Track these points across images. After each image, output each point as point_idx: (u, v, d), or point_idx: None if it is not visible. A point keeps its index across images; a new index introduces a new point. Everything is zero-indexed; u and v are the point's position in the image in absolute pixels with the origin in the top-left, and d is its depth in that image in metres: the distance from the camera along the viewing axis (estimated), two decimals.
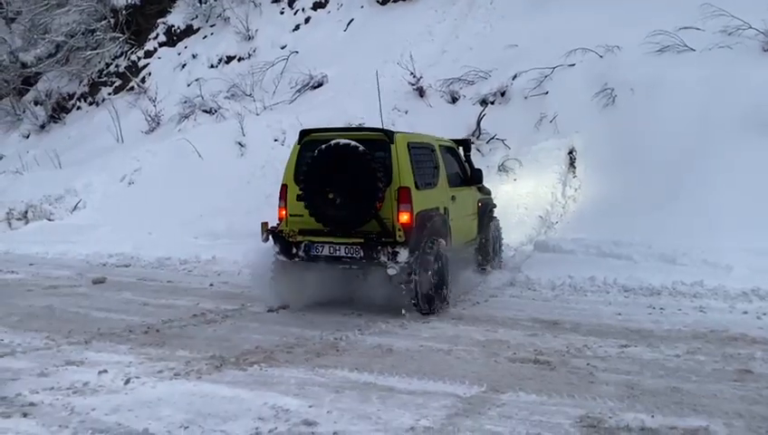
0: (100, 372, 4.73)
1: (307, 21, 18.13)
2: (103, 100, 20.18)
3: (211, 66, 18.53)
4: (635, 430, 3.74)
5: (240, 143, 14.24)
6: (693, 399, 4.18)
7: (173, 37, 20.16)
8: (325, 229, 6.53)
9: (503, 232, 9.24)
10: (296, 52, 16.83)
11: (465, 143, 8.94)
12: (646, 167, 9.58)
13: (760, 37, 10.69)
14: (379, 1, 17.38)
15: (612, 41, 11.93)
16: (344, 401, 4.18)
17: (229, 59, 18.47)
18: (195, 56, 19.16)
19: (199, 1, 19.79)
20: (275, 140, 14.07)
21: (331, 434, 3.70)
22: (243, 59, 18.16)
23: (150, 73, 19.76)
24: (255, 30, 18.37)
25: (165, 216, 12.14)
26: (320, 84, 15.63)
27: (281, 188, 6.93)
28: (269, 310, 6.90)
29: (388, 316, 6.45)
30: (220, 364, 4.99)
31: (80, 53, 20.95)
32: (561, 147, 11.20)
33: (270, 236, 6.78)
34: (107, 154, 16.07)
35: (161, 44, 20.25)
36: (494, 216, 9.03)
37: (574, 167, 11.00)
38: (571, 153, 11.14)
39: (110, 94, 20.26)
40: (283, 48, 17.38)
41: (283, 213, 6.86)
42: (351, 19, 17.30)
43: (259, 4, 18.98)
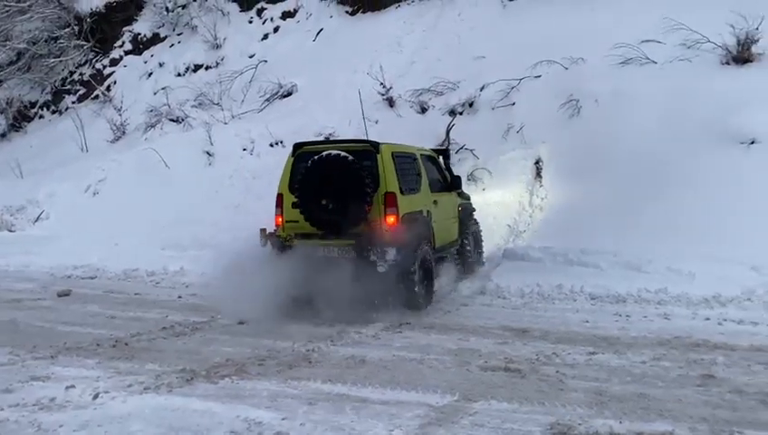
0: (67, 388, 4.63)
1: (276, 30, 18.11)
2: (67, 108, 19.85)
3: (178, 75, 18.34)
4: None
5: (208, 152, 14.12)
6: (659, 404, 4.29)
7: (139, 45, 19.93)
8: (319, 233, 7.05)
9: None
10: (265, 61, 16.78)
11: (445, 152, 9.62)
12: (610, 176, 9.78)
13: (718, 51, 11.03)
14: (348, 11, 17.46)
15: (577, 53, 12.20)
16: (317, 413, 4.17)
17: (197, 67, 18.32)
18: (161, 64, 18.98)
19: (166, 9, 19.61)
20: (244, 149, 13.98)
21: None
22: (210, 67, 18.03)
23: (116, 82, 19.48)
24: (223, 38, 18.28)
25: (131, 226, 11.94)
26: (289, 93, 15.60)
27: (277, 197, 7.44)
28: (239, 322, 6.84)
29: (360, 326, 6.46)
30: (191, 377, 4.93)
31: (42, 61, 20.56)
32: (527, 157, 11.40)
33: (268, 241, 7.26)
34: (71, 164, 15.74)
35: (127, 52, 20.00)
36: (474, 218, 9.56)
37: (541, 176, 11.19)
38: (537, 163, 11.33)
39: (73, 103, 19.93)
40: (251, 57, 17.32)
41: (280, 220, 7.40)
42: (321, 29, 17.33)
43: (227, 13, 18.90)
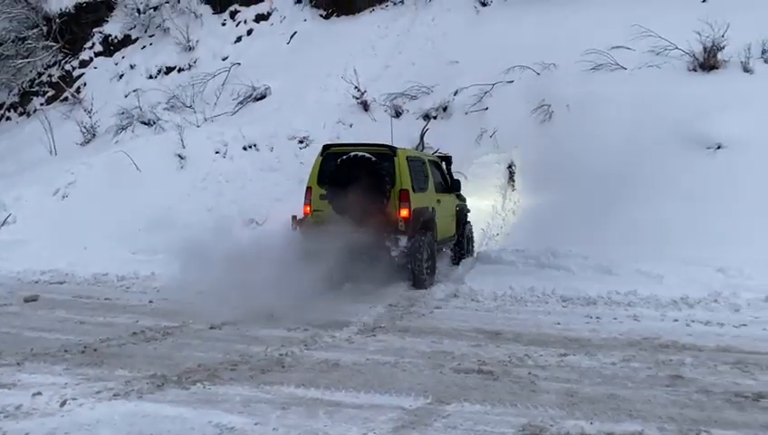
0: (33, 395, 4.52)
1: (249, 33, 18.03)
2: (35, 110, 19.47)
3: (150, 77, 18.15)
4: None
5: (180, 155, 13.95)
6: (629, 405, 4.35)
7: (110, 47, 19.67)
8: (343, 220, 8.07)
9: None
10: (238, 63, 16.70)
11: (448, 159, 10.51)
12: (582, 180, 9.93)
13: (685, 58, 11.28)
14: (322, 15, 17.46)
15: (549, 59, 12.36)
16: (291, 418, 4.14)
17: (169, 70, 18.15)
18: (133, 67, 18.74)
19: (138, 11, 19.39)
20: (217, 152, 13.86)
21: None
22: (183, 70, 17.88)
23: (86, 84, 19.18)
24: (196, 41, 18.14)
25: (101, 230, 11.73)
26: (263, 96, 15.53)
27: (306, 190, 8.71)
28: (211, 327, 6.77)
29: (333, 330, 6.44)
30: (162, 383, 4.86)
31: (9, 62, 20.14)
32: (500, 161, 11.54)
33: (298, 226, 8.46)
34: (39, 167, 15.40)
35: (97, 54, 19.72)
36: (467, 219, 10.48)
37: (513, 180, 11.33)
38: (510, 167, 11.46)
39: (42, 105, 19.56)
40: (224, 59, 17.22)
41: (308, 209, 8.63)
42: (295, 32, 17.31)
43: (200, 15, 18.76)
